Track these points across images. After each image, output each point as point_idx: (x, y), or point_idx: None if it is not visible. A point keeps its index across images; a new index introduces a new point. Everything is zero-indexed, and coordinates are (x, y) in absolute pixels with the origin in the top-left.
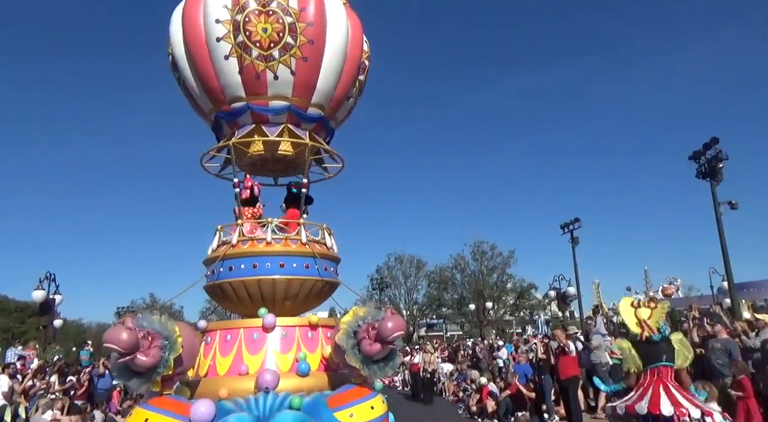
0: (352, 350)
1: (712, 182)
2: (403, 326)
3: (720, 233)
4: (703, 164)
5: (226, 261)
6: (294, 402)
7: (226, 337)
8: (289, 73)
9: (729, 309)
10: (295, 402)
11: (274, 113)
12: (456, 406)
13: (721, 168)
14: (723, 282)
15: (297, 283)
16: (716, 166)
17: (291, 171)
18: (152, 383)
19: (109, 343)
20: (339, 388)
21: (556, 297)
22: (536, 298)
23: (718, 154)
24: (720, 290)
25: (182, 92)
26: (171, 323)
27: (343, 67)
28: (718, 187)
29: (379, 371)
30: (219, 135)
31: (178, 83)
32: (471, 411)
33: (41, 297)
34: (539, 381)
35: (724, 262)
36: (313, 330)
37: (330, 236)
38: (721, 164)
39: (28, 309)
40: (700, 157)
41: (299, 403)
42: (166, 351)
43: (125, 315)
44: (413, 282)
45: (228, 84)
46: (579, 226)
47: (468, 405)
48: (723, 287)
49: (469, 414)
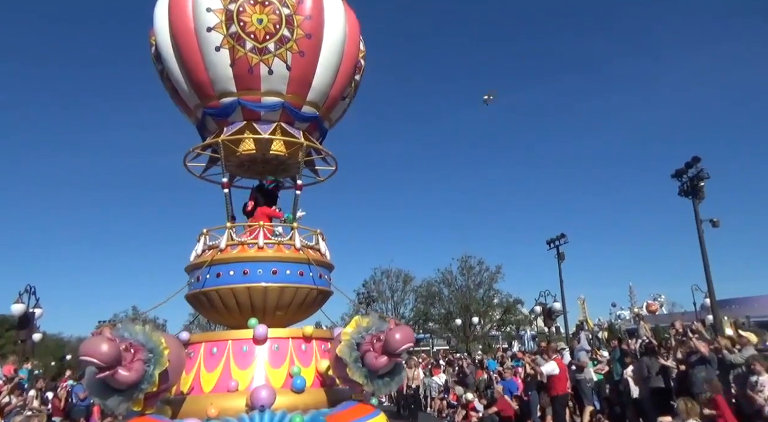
0: (356, 363)
1: (694, 200)
2: (412, 337)
3: (702, 250)
4: (686, 182)
5: (213, 268)
6: (295, 420)
7: (212, 350)
8: (284, 67)
9: (712, 326)
10: (296, 420)
11: (267, 110)
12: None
13: (703, 186)
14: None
15: (290, 292)
16: (698, 185)
17: (280, 173)
18: (133, 401)
19: (86, 356)
20: (338, 406)
21: (542, 313)
22: (522, 313)
23: (700, 173)
24: (703, 307)
25: (165, 87)
26: (156, 334)
27: (340, 65)
28: (700, 204)
29: (384, 386)
30: (205, 134)
31: (160, 77)
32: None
33: (20, 311)
34: (526, 398)
35: (707, 279)
36: (307, 343)
37: (324, 242)
38: (702, 183)
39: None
40: (683, 175)
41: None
42: (150, 366)
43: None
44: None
45: (218, 77)
46: (565, 242)
47: (454, 420)
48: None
49: None
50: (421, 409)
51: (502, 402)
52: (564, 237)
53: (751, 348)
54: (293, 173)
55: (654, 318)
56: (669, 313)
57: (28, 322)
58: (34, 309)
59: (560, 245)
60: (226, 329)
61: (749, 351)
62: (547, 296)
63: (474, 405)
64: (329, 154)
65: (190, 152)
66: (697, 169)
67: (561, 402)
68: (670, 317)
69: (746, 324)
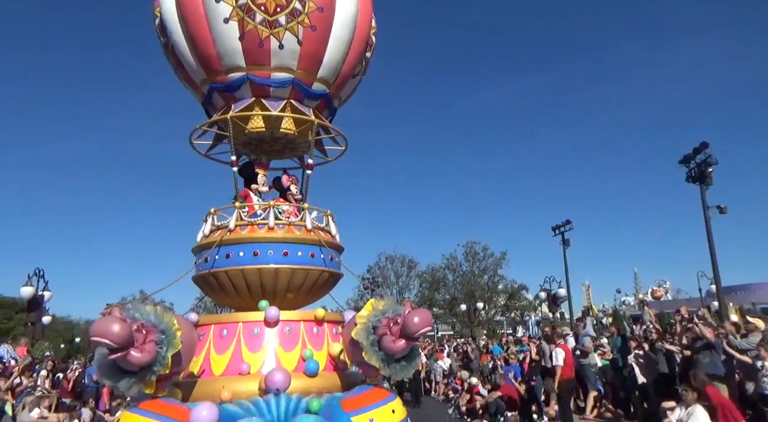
0: (372, 347)
1: (701, 186)
2: (430, 321)
3: (709, 237)
4: (693, 168)
5: (222, 248)
6: (312, 405)
7: (222, 333)
8: (295, 42)
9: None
10: (313, 405)
11: (277, 86)
12: (445, 406)
13: (711, 172)
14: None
15: (301, 274)
16: (706, 171)
17: (288, 152)
18: (145, 384)
19: (98, 337)
20: (352, 390)
21: (546, 299)
22: (527, 299)
23: (707, 159)
24: (708, 293)
25: (169, 61)
26: (168, 315)
27: (352, 40)
28: (707, 191)
29: (400, 370)
30: (210, 110)
31: (164, 51)
32: (461, 411)
33: (30, 294)
34: (530, 382)
35: (713, 266)
36: (318, 326)
37: (334, 223)
38: (710, 168)
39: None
40: (690, 161)
41: (318, 406)
42: (163, 347)
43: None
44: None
45: (226, 51)
46: (570, 228)
47: (458, 405)
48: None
49: (459, 414)
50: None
51: (506, 386)
52: (569, 223)
53: (758, 334)
54: (301, 152)
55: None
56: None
57: (37, 305)
58: (43, 292)
59: (565, 231)
60: (233, 311)
61: (757, 338)
62: (552, 282)
63: (479, 390)
64: (340, 133)
65: (197, 129)
66: (705, 155)
67: (565, 387)
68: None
69: (752, 311)
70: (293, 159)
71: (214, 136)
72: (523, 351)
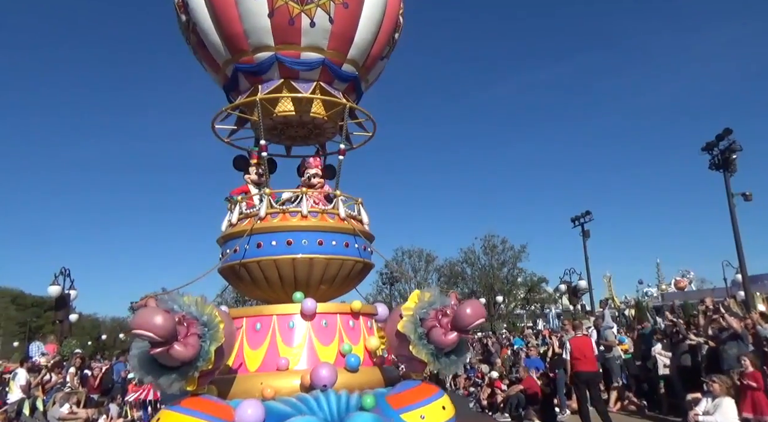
0: (421, 340)
1: (725, 173)
2: (484, 312)
3: (734, 225)
4: (716, 155)
5: (253, 237)
6: (367, 401)
7: (256, 326)
8: (327, 19)
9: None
10: (368, 401)
11: (307, 67)
12: (467, 400)
13: (735, 159)
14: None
15: (336, 264)
16: (730, 157)
17: (312, 138)
18: (188, 381)
19: (140, 329)
20: (397, 386)
21: (567, 291)
22: (547, 292)
23: (731, 145)
24: (734, 283)
25: (188, 42)
26: (208, 306)
27: (383, 20)
28: (731, 178)
29: (450, 364)
30: (232, 94)
31: (184, 30)
32: (482, 405)
33: (57, 292)
34: (552, 376)
35: (738, 254)
36: (354, 319)
37: (365, 211)
38: (734, 155)
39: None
40: (713, 148)
41: (373, 403)
42: (206, 341)
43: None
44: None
45: (254, 28)
46: (590, 219)
47: (479, 398)
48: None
49: (480, 408)
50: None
51: (528, 380)
52: (589, 214)
53: None
54: (326, 138)
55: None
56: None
57: (64, 303)
58: (69, 291)
59: (585, 223)
60: (260, 304)
61: None
62: (572, 274)
63: (500, 384)
64: (370, 118)
65: (221, 113)
66: (728, 141)
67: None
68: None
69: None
70: (315, 145)
71: (236, 121)
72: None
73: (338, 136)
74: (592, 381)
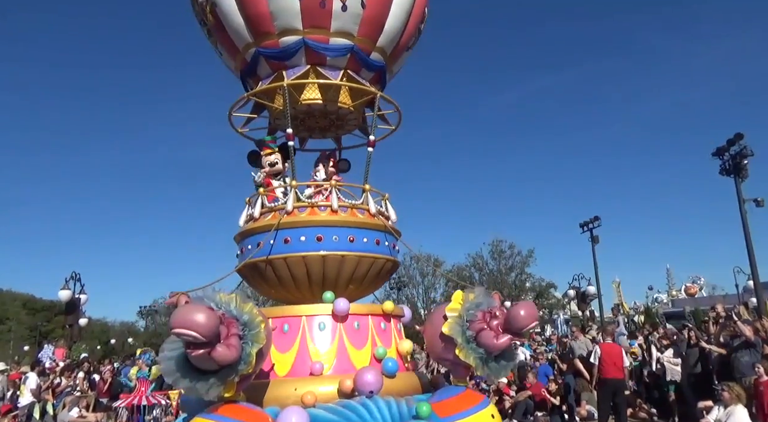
0: (469, 344)
1: (736, 179)
2: (537, 314)
3: (745, 231)
4: (727, 161)
5: (280, 232)
6: (422, 410)
7: (284, 328)
8: (359, 4)
9: (755, 309)
10: (423, 410)
11: (335, 54)
12: None
13: (746, 164)
14: (748, 281)
15: (367, 262)
16: (741, 163)
17: (333, 130)
18: (227, 386)
19: (182, 328)
20: (438, 392)
21: (575, 297)
22: (555, 297)
23: (742, 150)
24: (745, 289)
25: (205, 24)
26: (248, 304)
27: (412, 8)
28: (743, 183)
29: (499, 370)
30: (250, 81)
31: (200, 12)
32: None
33: (67, 297)
34: (561, 382)
35: (750, 261)
36: (386, 321)
37: (392, 207)
38: (746, 160)
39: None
40: (724, 153)
41: (428, 412)
42: (248, 342)
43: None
44: (431, 281)
45: (281, 10)
46: (599, 225)
47: None
48: (748, 286)
49: None
50: None
51: (537, 386)
52: (597, 219)
53: None
54: (346, 131)
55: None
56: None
57: (74, 307)
58: (79, 295)
59: (594, 228)
60: (277, 304)
61: None
62: (581, 280)
63: (508, 390)
64: (398, 109)
65: (242, 99)
66: (740, 146)
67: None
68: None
69: None
70: (331, 138)
71: (252, 108)
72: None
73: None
74: (619, 388)
